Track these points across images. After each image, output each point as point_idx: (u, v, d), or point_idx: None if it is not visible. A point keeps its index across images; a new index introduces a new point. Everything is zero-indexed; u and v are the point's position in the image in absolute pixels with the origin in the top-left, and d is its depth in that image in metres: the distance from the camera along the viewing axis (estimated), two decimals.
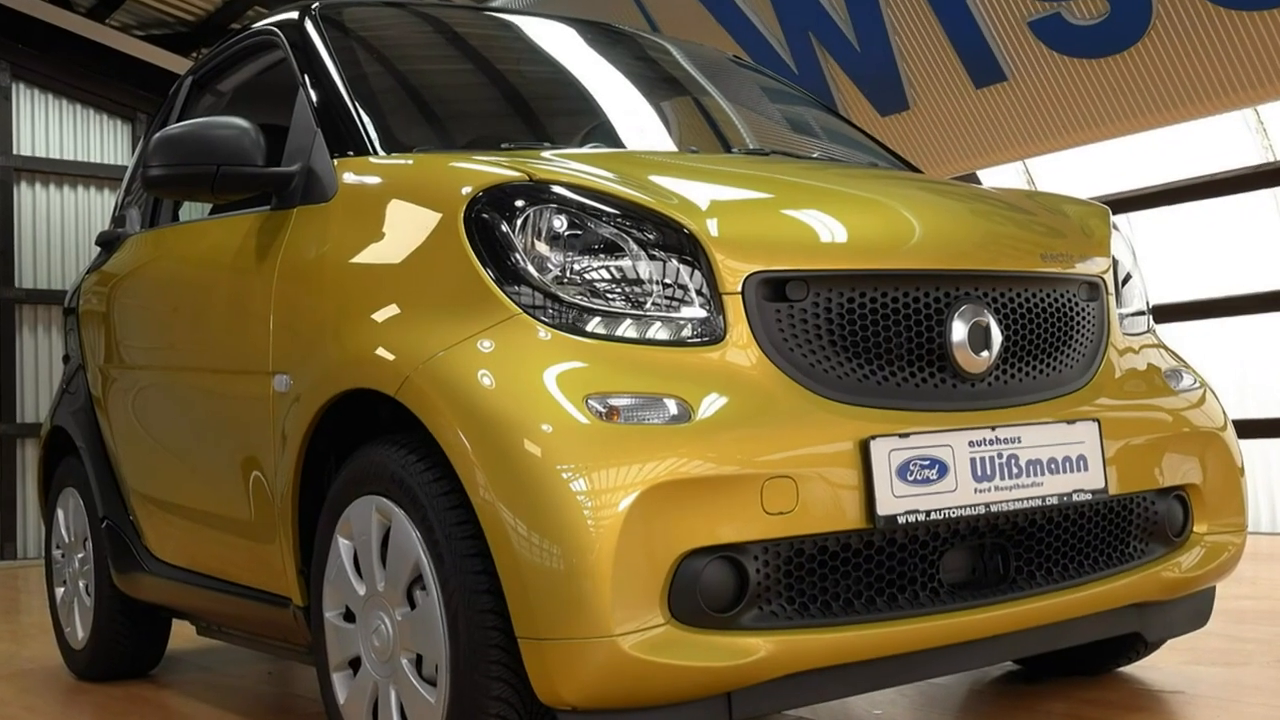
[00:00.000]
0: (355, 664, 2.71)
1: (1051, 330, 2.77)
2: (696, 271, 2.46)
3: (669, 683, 2.25)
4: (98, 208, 11.70)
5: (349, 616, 2.72)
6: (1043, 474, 2.57)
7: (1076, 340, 2.83)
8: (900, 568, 2.45)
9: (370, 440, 2.69)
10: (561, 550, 2.20)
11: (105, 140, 11.84)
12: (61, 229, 11.50)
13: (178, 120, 4.18)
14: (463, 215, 2.55)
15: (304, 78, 3.31)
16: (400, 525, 2.52)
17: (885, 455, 2.39)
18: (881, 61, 7.93)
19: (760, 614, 2.33)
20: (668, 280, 2.46)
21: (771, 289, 2.48)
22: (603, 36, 4.05)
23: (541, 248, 2.47)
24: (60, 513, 4.60)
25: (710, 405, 2.34)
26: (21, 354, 11.15)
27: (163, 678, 4.40)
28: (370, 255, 2.80)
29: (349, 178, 2.98)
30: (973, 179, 8.17)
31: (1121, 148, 8.22)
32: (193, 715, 3.75)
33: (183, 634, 4.67)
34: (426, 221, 2.66)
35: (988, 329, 2.61)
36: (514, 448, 2.27)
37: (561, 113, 3.78)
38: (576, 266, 2.46)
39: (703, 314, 2.45)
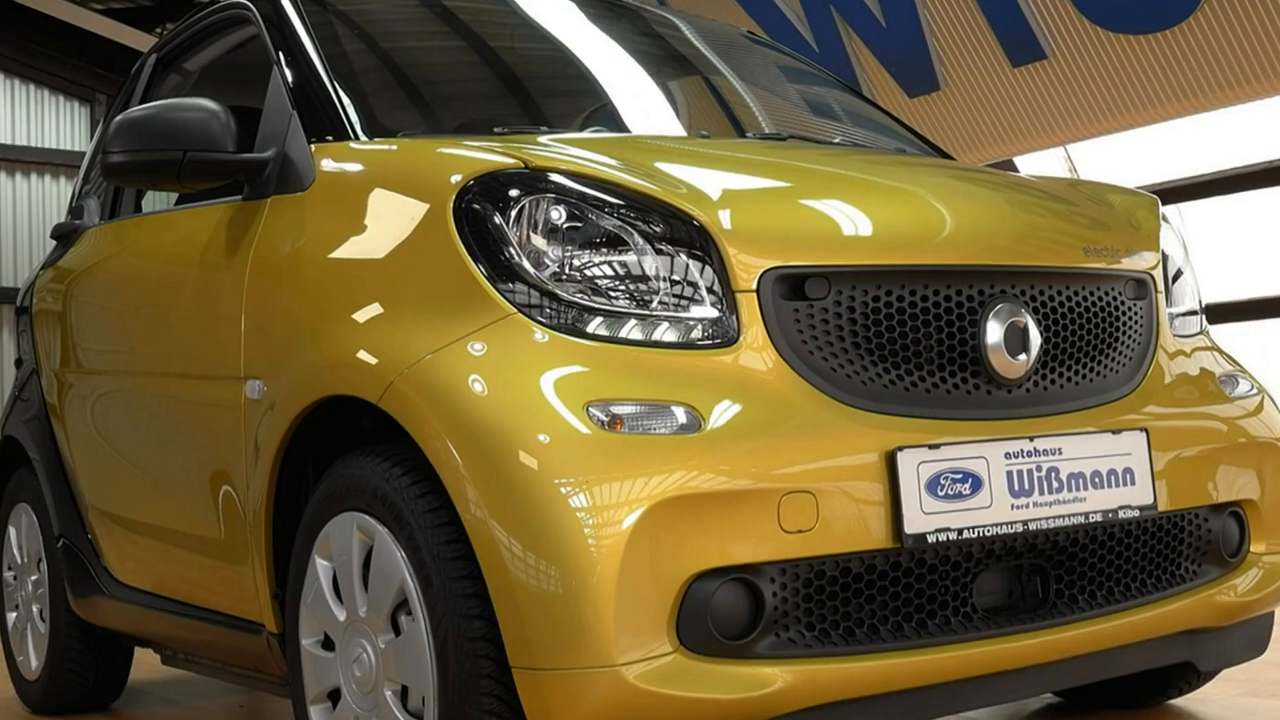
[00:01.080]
0: (334, 696, 2.71)
1: (1095, 331, 2.77)
2: (707, 267, 2.46)
3: (677, 717, 2.25)
4: (53, 197, 11.72)
5: (327, 644, 2.72)
6: (1086, 488, 2.57)
7: (1122, 342, 2.83)
8: (930, 591, 2.45)
9: (351, 452, 2.69)
10: (560, 572, 2.20)
11: (61, 124, 11.86)
12: (13, 221, 11.52)
13: (140, 102, 4.18)
14: (452, 206, 2.55)
15: (278, 55, 3.31)
16: (383, 545, 2.52)
17: (914, 468, 2.39)
18: (910, 38, 7.94)
19: (777, 641, 2.33)
20: (676, 277, 2.46)
21: (789, 286, 2.48)
22: (605, 11, 4.06)
23: (538, 241, 2.47)
24: (12, 531, 4.61)
25: (722, 413, 2.34)
26: None
27: (124, 711, 4.40)
28: (351, 249, 2.80)
29: (328, 165, 2.99)
30: (1009, 166, 8.18)
31: (1172, 132, 8.22)
32: None
33: (146, 663, 4.67)
34: (412, 213, 2.66)
35: (1025, 330, 2.61)
36: (508, 460, 2.27)
37: (560, 94, 3.79)
38: (576, 262, 2.46)
39: (714, 314, 2.45)
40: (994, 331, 2.58)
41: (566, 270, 2.46)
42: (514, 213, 2.50)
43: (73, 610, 4.14)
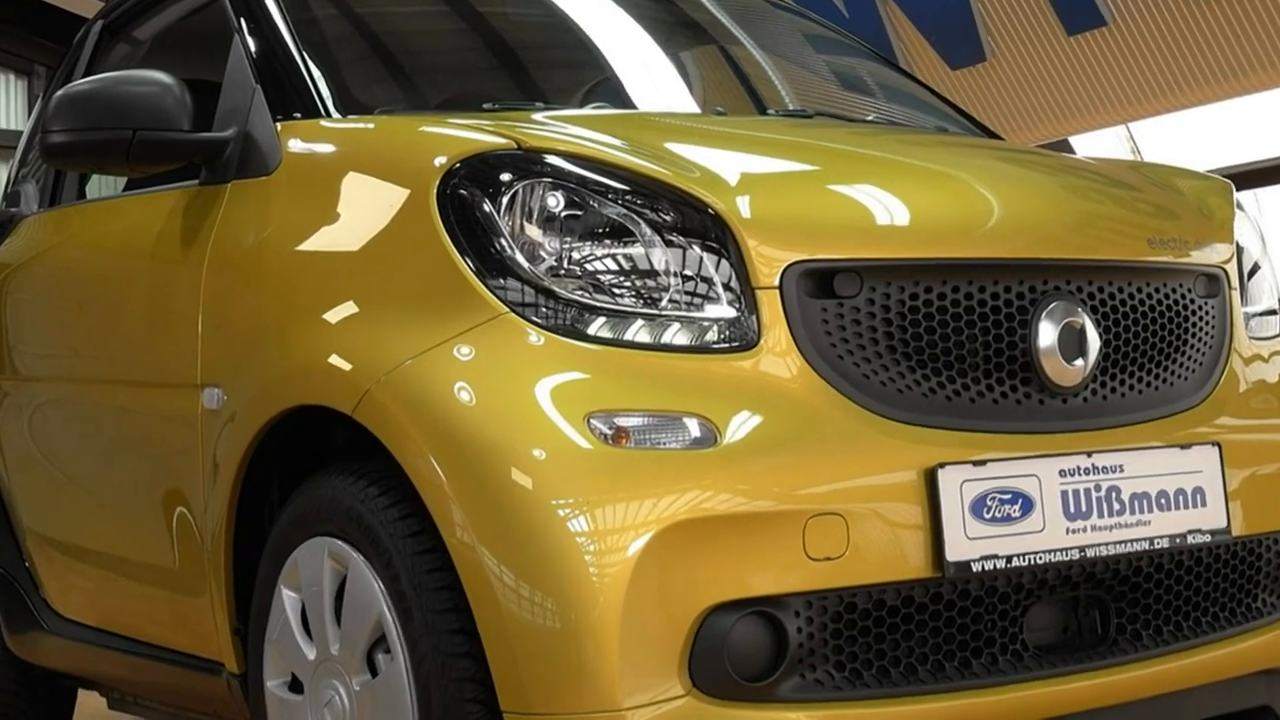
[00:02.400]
0: None
1: (1161, 333, 2.77)
2: (724, 261, 2.47)
3: None
4: None
5: (295, 686, 2.73)
6: (1150, 511, 2.57)
7: (1192, 345, 2.83)
8: (975, 626, 2.45)
9: (321, 469, 2.70)
10: (557, 605, 2.20)
11: None
12: None
13: (85, 75, 4.19)
14: (435, 192, 2.56)
15: (240, 22, 3.32)
16: (358, 574, 2.52)
17: (956, 488, 2.39)
18: (952, 2, 7.94)
19: (802, 683, 2.33)
20: (688, 272, 2.46)
21: (816, 283, 2.48)
22: None
23: (533, 232, 2.48)
24: None
25: (740, 426, 2.34)
26: None
27: None
28: (321, 241, 2.81)
29: (295, 146, 2.99)
30: (1064, 147, 8.18)
31: (1247, 110, 8.21)
32: None
33: (91, 707, 4.67)
34: (391, 199, 2.66)
35: (1082, 332, 2.61)
36: (499, 479, 2.27)
37: (557, 66, 3.80)
38: (576, 255, 2.46)
39: (731, 313, 2.45)
40: (1047, 333, 2.58)
41: (565, 264, 2.46)
42: (506, 199, 2.50)
43: (8, 648, 4.15)
